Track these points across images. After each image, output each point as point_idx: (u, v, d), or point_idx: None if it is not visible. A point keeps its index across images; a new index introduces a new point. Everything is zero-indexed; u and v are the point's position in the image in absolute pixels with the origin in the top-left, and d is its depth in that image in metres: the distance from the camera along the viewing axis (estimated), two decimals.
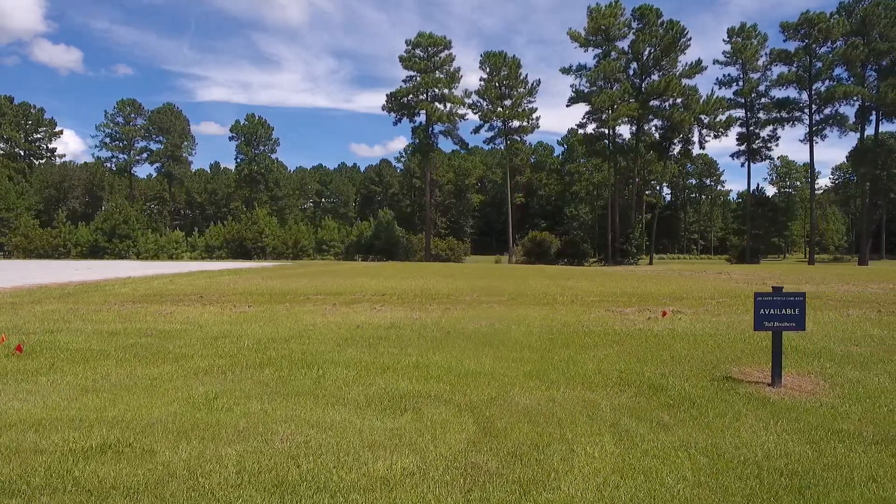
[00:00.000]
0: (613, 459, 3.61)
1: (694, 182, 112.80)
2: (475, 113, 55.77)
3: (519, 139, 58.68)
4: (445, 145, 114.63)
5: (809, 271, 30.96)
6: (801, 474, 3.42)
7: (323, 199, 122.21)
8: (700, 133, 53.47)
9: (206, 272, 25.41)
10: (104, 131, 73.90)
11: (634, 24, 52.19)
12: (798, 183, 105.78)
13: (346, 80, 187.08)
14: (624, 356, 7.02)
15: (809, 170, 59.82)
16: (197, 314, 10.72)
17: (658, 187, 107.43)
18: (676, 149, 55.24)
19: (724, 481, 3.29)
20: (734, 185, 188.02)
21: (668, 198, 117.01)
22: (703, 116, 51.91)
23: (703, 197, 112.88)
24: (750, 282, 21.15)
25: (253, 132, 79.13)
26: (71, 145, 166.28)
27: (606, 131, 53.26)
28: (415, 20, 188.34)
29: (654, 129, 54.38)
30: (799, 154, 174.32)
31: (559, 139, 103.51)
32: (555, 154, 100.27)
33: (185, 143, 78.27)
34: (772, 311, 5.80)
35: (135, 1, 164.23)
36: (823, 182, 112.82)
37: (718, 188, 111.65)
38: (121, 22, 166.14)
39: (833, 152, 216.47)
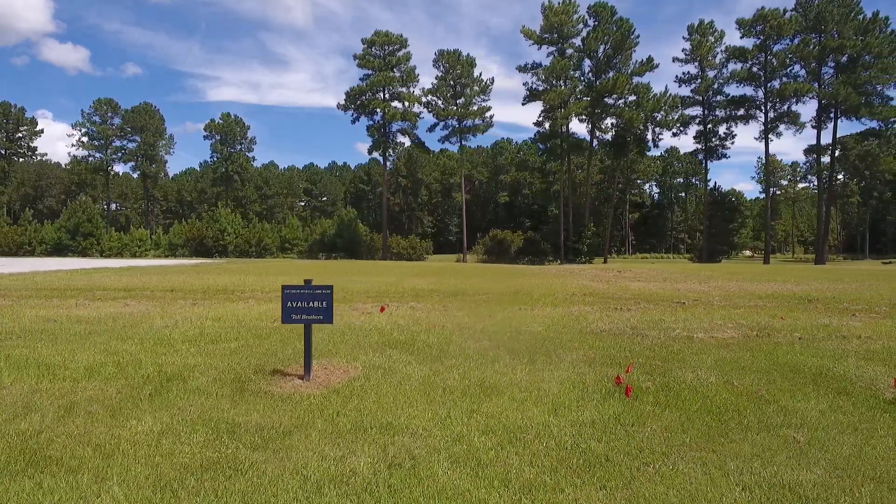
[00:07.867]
0: None
1: (681, 181, 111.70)
2: (430, 112, 55.87)
3: (472, 137, 58.48)
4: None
5: (727, 271, 30.63)
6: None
7: (311, 199, 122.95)
8: (654, 131, 53.07)
9: (102, 269, 25.70)
10: (81, 130, 74.81)
11: (590, 22, 51.91)
12: (784, 181, 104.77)
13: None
14: (230, 352, 7.07)
15: (764, 168, 59.01)
16: None
17: (646, 186, 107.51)
18: (633, 147, 54.65)
19: None
20: (723, 183, 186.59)
21: (657, 196, 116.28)
22: (657, 114, 51.44)
23: (690, 196, 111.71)
24: (617, 279, 20.98)
25: (228, 131, 79.65)
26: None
27: (560, 129, 52.95)
28: (423, 19, 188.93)
29: (610, 126, 54.07)
30: (784, 154, 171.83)
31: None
32: (539, 153, 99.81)
33: (162, 143, 78.89)
34: (299, 304, 5.79)
35: (146, 2, 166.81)
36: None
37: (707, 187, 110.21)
38: (133, 23, 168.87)
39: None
